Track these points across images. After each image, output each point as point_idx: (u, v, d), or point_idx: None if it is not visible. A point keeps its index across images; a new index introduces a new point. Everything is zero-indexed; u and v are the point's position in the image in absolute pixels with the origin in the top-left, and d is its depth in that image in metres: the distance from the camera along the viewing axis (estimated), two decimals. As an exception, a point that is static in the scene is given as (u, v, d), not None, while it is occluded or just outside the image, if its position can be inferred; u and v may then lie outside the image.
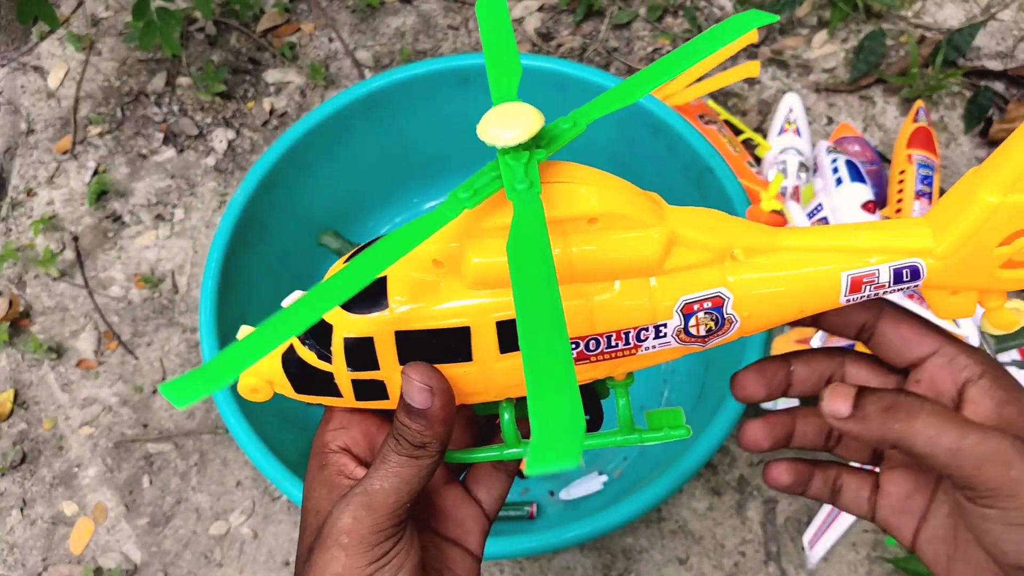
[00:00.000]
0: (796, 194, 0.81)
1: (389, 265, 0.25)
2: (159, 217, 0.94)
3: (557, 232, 0.28)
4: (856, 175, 0.74)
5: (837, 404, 0.29)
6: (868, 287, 0.29)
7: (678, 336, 0.29)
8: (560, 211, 0.28)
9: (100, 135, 1.00)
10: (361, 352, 0.30)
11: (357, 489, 0.29)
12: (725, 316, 0.29)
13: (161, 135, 0.99)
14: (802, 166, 0.84)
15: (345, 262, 0.31)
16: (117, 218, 0.95)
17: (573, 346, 0.28)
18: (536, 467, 0.19)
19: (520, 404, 0.32)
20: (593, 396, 0.31)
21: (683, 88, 0.84)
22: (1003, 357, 0.68)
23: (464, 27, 1.06)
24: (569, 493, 0.73)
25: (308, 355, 0.31)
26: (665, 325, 0.29)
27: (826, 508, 0.72)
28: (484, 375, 0.29)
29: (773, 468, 0.34)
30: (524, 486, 0.74)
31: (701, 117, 0.86)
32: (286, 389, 0.32)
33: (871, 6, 1.01)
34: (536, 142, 0.28)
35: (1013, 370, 0.70)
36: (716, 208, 0.31)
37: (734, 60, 0.97)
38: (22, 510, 0.80)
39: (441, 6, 1.07)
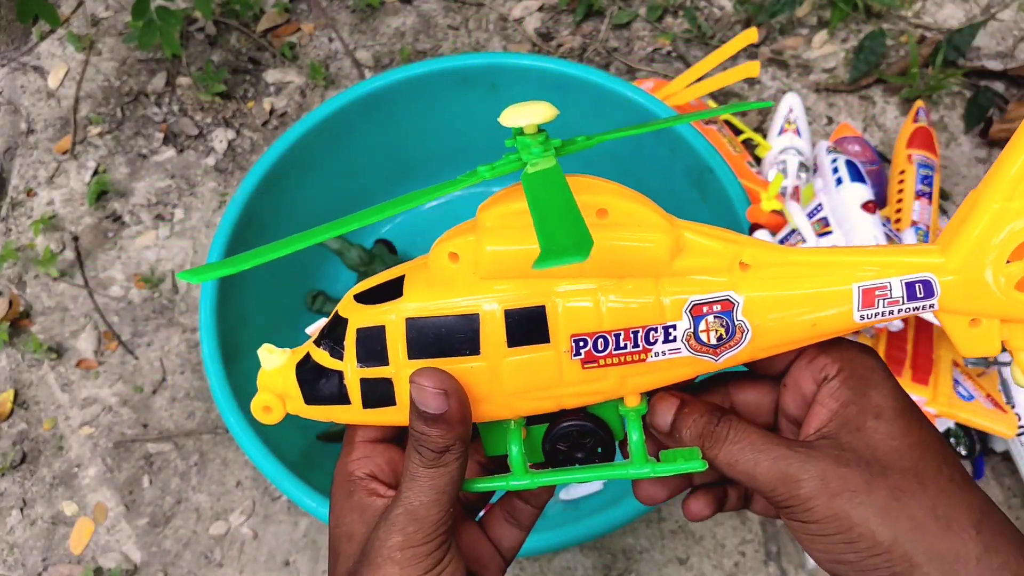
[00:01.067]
0: (796, 194, 0.81)
1: (403, 209, 0.26)
2: (159, 217, 0.94)
3: None
4: (856, 175, 0.74)
5: (658, 420, 0.30)
6: (882, 301, 0.28)
7: (688, 342, 0.29)
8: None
9: (100, 135, 1.00)
10: (372, 343, 0.30)
11: (397, 510, 0.29)
12: (736, 322, 0.29)
13: (161, 135, 0.99)
14: (802, 166, 0.84)
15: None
16: (117, 218, 0.95)
17: (581, 344, 0.29)
18: (545, 261, 0.21)
19: (528, 440, 0.32)
20: (607, 429, 0.31)
21: (683, 88, 0.84)
22: (1003, 357, 0.68)
23: (464, 27, 1.06)
24: (569, 493, 0.73)
25: (321, 355, 0.31)
26: (674, 327, 0.29)
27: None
28: (492, 374, 0.29)
29: (691, 505, 0.33)
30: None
31: (701, 117, 0.86)
32: (297, 402, 0.32)
33: (871, 6, 1.01)
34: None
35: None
36: (716, 208, 0.31)
37: (734, 60, 0.97)
38: (22, 510, 0.80)
39: (441, 6, 1.07)
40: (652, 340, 0.29)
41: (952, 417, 0.67)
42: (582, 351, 0.29)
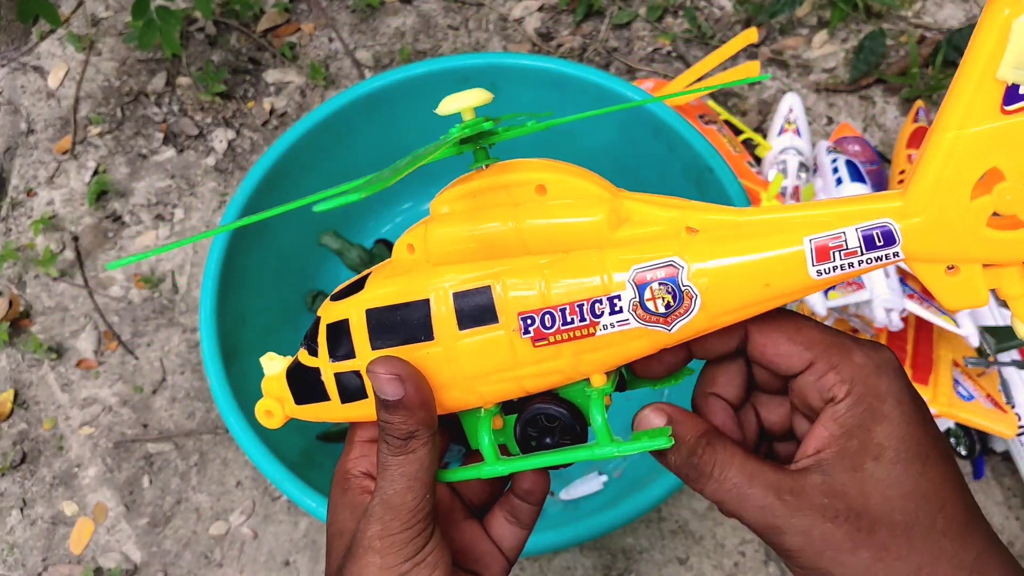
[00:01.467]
0: (796, 194, 0.81)
1: (376, 188, 0.26)
2: (159, 217, 0.94)
3: (508, 202, 0.29)
4: (856, 175, 0.74)
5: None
6: (837, 253, 0.26)
7: (635, 312, 0.28)
8: (509, 175, 0.29)
9: (100, 135, 1.00)
10: (339, 337, 0.31)
11: (374, 501, 0.30)
12: (682, 288, 0.27)
13: (161, 135, 0.99)
14: (802, 166, 0.84)
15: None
16: (117, 218, 0.95)
17: (529, 321, 0.29)
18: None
19: (503, 430, 0.32)
20: (575, 412, 0.31)
21: (683, 88, 0.84)
22: (1003, 357, 0.68)
23: (464, 27, 1.06)
24: (569, 493, 0.73)
25: (303, 355, 0.33)
26: (619, 297, 0.28)
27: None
28: (449, 358, 0.30)
29: None
30: (524, 486, 0.74)
31: (701, 117, 0.86)
32: (291, 404, 0.34)
33: (871, 6, 1.01)
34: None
35: (1012, 371, 0.70)
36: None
37: (734, 60, 0.97)
38: (22, 510, 0.80)
39: (441, 6, 1.07)
40: (598, 312, 0.28)
41: (952, 417, 0.67)
42: (531, 328, 0.29)
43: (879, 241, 0.26)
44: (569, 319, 0.28)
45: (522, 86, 0.75)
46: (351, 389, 0.32)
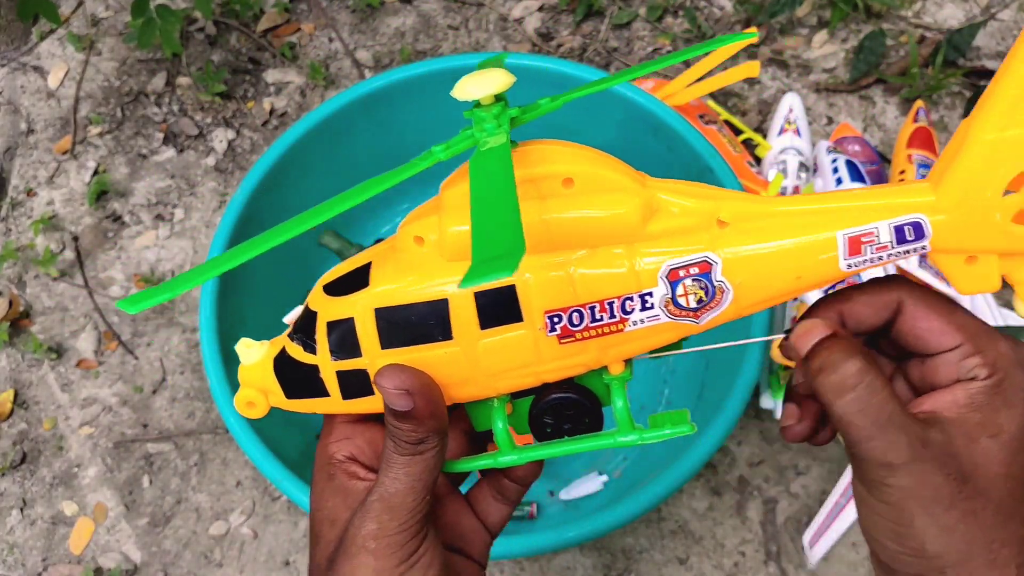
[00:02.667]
0: (796, 194, 0.81)
1: (359, 201, 0.25)
2: (159, 217, 0.94)
3: (533, 195, 0.28)
4: (856, 175, 0.74)
5: (800, 342, 0.29)
6: (869, 248, 0.27)
7: (666, 308, 0.28)
8: (535, 168, 0.27)
9: (100, 135, 1.00)
10: (343, 336, 0.29)
11: (373, 496, 0.29)
12: (715, 284, 0.27)
13: (161, 135, 0.99)
14: (802, 166, 0.84)
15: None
16: (117, 218, 0.94)
17: (556, 319, 0.28)
18: (474, 278, 0.20)
19: (514, 414, 0.32)
20: (593, 399, 0.31)
21: (683, 88, 0.84)
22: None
23: (464, 27, 1.06)
24: (569, 493, 0.73)
25: (295, 350, 0.31)
26: (651, 294, 0.27)
27: (826, 508, 0.72)
28: (467, 357, 0.29)
29: (796, 428, 0.32)
30: (524, 486, 0.74)
31: (701, 117, 0.86)
32: (278, 396, 0.32)
33: (871, 6, 1.01)
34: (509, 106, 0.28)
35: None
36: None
37: (734, 60, 0.97)
38: (22, 510, 0.80)
39: (441, 6, 1.07)
40: (629, 309, 0.28)
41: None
42: (557, 327, 0.28)
43: (910, 235, 0.26)
44: (599, 317, 0.28)
45: (522, 86, 0.75)
46: (355, 387, 0.30)
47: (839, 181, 0.75)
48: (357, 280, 0.30)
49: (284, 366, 0.31)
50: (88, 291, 0.90)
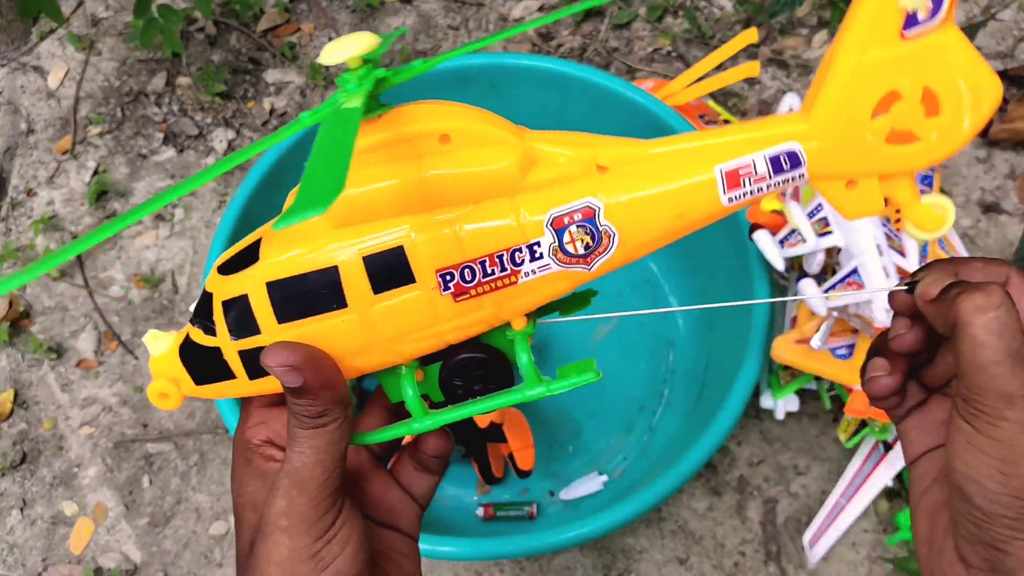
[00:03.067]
0: (796, 194, 0.81)
1: (226, 169, 0.25)
2: (159, 217, 0.94)
3: (409, 155, 0.28)
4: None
5: (931, 287, 0.28)
6: (747, 180, 0.27)
7: (555, 256, 0.28)
8: (409, 127, 0.27)
9: (100, 135, 1.00)
10: (239, 315, 0.29)
11: (281, 473, 0.29)
12: (600, 228, 0.28)
13: (161, 135, 0.99)
14: (802, 166, 0.83)
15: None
16: (117, 218, 0.95)
17: (448, 277, 0.28)
18: (287, 219, 0.20)
19: (425, 381, 0.31)
20: (500, 357, 0.31)
21: (683, 88, 0.84)
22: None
23: (464, 27, 1.06)
24: (569, 493, 0.73)
25: (197, 334, 0.31)
26: (539, 244, 0.28)
27: (826, 508, 0.72)
28: (365, 324, 0.29)
29: (884, 380, 0.31)
30: (524, 486, 0.74)
31: (701, 117, 0.86)
32: (188, 384, 0.32)
33: (871, 6, 1.01)
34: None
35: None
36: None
37: (734, 60, 0.97)
38: (22, 510, 0.80)
39: (441, 6, 1.07)
40: (519, 261, 0.28)
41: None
42: (451, 285, 0.28)
43: (786, 164, 0.27)
44: (490, 271, 0.28)
45: (522, 86, 0.75)
46: (259, 365, 0.29)
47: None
48: (248, 257, 0.29)
49: (189, 352, 0.31)
50: (88, 291, 0.90)
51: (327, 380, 0.28)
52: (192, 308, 0.32)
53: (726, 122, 0.89)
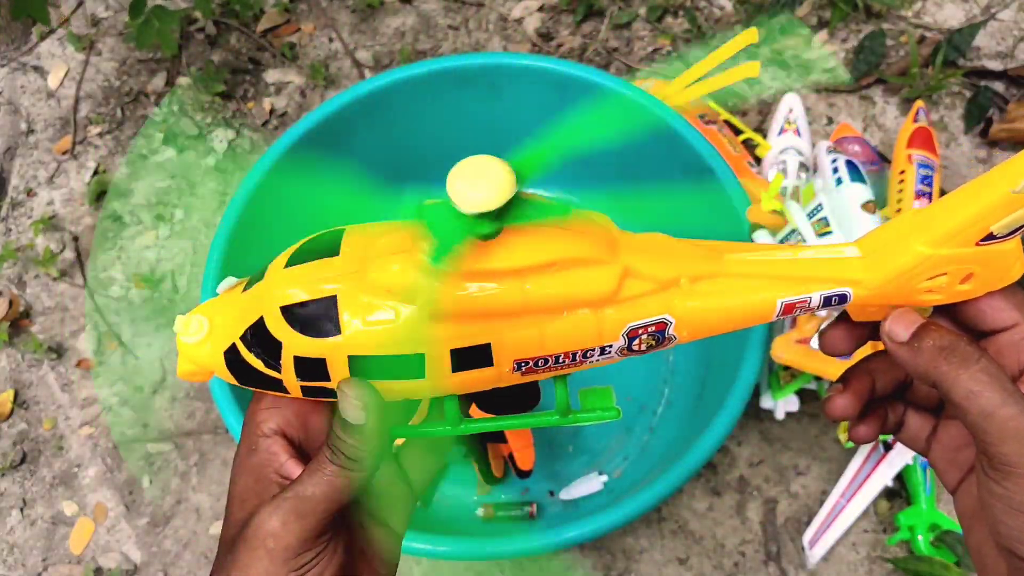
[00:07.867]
0: (796, 194, 0.81)
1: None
2: (159, 217, 0.94)
3: (514, 278, 0.29)
4: (856, 175, 0.74)
5: (898, 328, 0.30)
6: (800, 310, 0.31)
7: (620, 352, 0.31)
8: (517, 261, 0.28)
9: (100, 135, 1.00)
10: (312, 368, 0.30)
11: (289, 493, 0.29)
12: (666, 336, 0.31)
13: (161, 135, 0.99)
14: (802, 166, 0.84)
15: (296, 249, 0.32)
16: (117, 218, 0.94)
17: (523, 364, 0.30)
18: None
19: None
20: (532, 390, 0.33)
21: (683, 88, 0.84)
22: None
23: (464, 27, 1.06)
24: (569, 493, 0.73)
25: (256, 362, 0.30)
26: (611, 346, 0.30)
27: (826, 508, 0.72)
28: (434, 388, 0.30)
29: (838, 401, 0.33)
30: (524, 486, 0.74)
31: (701, 117, 0.86)
32: (228, 379, 0.32)
33: (871, 6, 1.01)
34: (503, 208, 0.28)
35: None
36: (716, 208, 0.31)
37: (734, 60, 0.97)
38: (22, 510, 0.80)
39: (441, 6, 1.07)
40: (589, 356, 0.31)
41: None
42: (523, 368, 0.30)
43: (835, 302, 0.31)
44: (561, 361, 0.30)
45: (522, 86, 0.75)
46: (320, 393, 0.31)
47: (839, 181, 0.75)
48: (322, 314, 0.29)
49: (240, 367, 0.31)
50: (88, 291, 0.90)
51: (382, 433, 0.30)
52: (222, 287, 0.33)
53: (726, 122, 0.89)
